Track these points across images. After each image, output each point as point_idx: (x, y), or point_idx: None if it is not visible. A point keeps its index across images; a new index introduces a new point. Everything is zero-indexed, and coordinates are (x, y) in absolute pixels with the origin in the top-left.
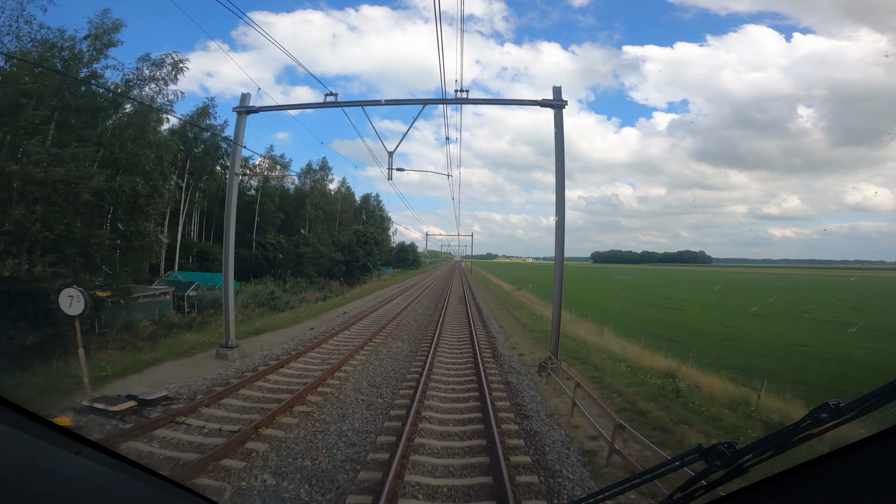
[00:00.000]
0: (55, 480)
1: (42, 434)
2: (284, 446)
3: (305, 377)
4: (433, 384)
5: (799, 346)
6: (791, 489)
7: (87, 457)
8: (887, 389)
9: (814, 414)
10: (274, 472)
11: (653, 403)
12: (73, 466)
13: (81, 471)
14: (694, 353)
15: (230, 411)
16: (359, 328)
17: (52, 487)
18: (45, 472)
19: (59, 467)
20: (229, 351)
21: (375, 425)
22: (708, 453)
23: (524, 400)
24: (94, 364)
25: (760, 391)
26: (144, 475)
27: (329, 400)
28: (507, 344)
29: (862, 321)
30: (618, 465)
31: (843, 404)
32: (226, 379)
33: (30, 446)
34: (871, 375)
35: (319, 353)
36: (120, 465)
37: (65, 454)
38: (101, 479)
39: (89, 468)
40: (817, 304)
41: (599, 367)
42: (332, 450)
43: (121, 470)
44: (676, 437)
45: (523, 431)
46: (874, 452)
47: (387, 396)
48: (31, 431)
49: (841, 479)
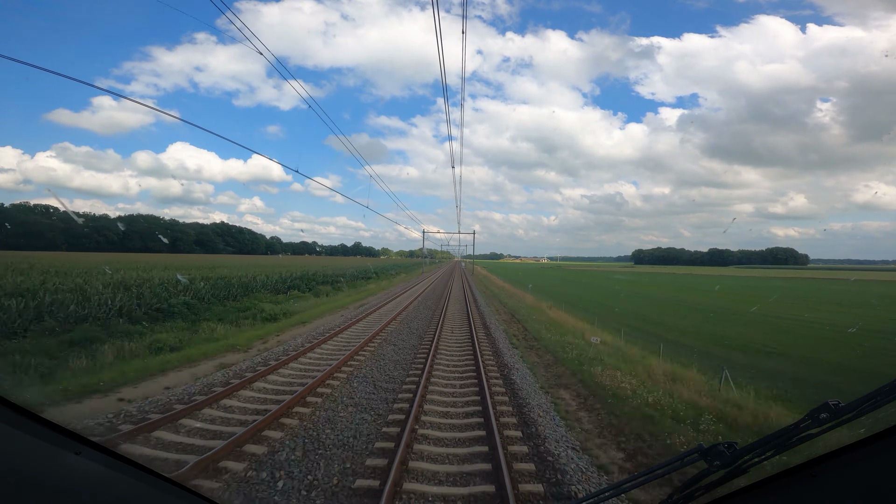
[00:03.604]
0: (55, 480)
1: (42, 434)
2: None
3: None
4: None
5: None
6: (791, 489)
7: (87, 457)
8: (887, 389)
9: (813, 414)
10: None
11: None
12: (73, 466)
13: (81, 471)
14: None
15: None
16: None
17: (52, 487)
18: (45, 472)
19: (59, 467)
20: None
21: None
22: (708, 453)
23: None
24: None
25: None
26: (144, 475)
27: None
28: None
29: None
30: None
31: (843, 404)
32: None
33: (30, 446)
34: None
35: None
36: (120, 465)
37: (65, 454)
38: (101, 479)
39: (89, 468)
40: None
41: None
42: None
43: (121, 470)
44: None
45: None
46: (874, 452)
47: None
48: (31, 431)
49: (841, 479)
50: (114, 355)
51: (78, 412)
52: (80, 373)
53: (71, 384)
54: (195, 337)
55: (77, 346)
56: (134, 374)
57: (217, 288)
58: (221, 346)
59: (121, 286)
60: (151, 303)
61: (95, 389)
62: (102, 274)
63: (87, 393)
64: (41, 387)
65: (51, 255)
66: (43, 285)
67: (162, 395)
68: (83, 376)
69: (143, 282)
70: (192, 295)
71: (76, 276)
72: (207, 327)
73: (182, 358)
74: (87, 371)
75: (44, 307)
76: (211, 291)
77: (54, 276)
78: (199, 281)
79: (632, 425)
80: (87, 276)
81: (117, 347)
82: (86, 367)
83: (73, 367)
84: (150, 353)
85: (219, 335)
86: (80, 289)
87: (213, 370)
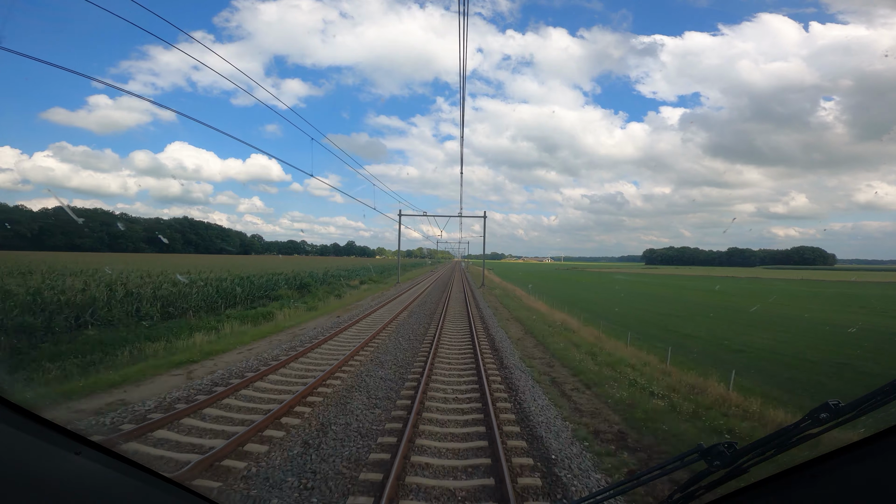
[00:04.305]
0: (55, 480)
1: (42, 434)
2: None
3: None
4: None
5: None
6: (791, 489)
7: (87, 457)
8: (887, 389)
9: (813, 414)
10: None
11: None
12: (73, 466)
13: (81, 471)
14: None
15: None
16: None
17: (52, 487)
18: (45, 472)
19: (59, 467)
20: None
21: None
22: (708, 453)
23: None
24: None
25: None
26: (144, 475)
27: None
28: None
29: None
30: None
31: (843, 404)
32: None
33: (30, 446)
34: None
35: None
36: (120, 465)
37: (65, 454)
38: (101, 479)
39: (89, 468)
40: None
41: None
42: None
43: (121, 470)
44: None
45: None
46: (874, 452)
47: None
48: (31, 431)
49: (841, 479)
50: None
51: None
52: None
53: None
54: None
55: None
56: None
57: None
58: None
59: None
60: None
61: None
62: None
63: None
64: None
65: (42, 255)
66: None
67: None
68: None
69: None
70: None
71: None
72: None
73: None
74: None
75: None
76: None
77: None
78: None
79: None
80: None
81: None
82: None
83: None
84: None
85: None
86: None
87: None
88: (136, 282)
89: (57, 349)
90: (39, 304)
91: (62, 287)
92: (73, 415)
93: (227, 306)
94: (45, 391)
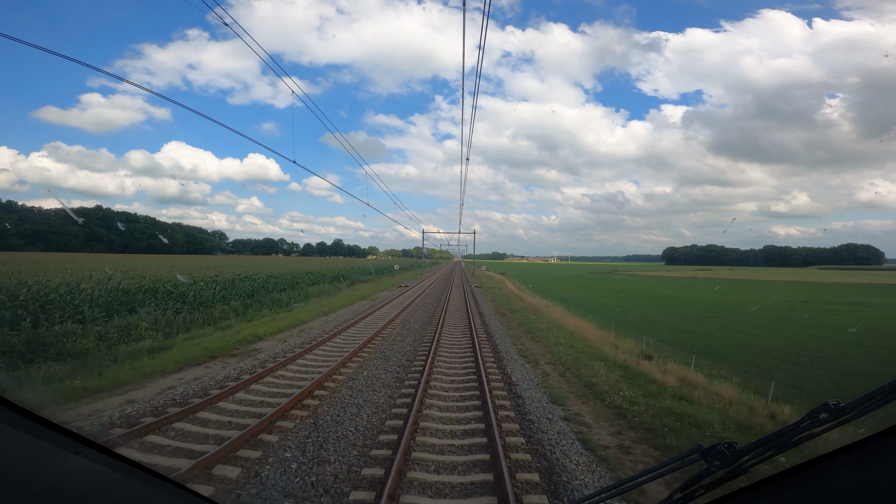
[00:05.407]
0: (55, 480)
1: (42, 434)
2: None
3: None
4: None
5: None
6: (791, 489)
7: (87, 457)
8: (887, 389)
9: (814, 414)
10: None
11: None
12: (73, 466)
13: (81, 471)
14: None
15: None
16: None
17: (52, 487)
18: (45, 472)
19: (59, 467)
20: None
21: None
22: (708, 453)
23: None
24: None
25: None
26: (144, 475)
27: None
28: None
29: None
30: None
31: (843, 404)
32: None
33: (30, 446)
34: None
35: None
36: (120, 465)
37: (65, 454)
38: (101, 479)
39: (89, 468)
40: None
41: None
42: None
43: (121, 470)
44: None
45: None
46: (874, 452)
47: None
48: (31, 431)
49: (841, 479)
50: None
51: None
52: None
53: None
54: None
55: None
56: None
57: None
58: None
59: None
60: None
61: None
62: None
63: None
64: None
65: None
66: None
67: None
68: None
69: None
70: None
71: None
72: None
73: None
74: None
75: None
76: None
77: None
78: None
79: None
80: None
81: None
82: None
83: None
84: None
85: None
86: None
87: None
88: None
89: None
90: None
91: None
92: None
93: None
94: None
